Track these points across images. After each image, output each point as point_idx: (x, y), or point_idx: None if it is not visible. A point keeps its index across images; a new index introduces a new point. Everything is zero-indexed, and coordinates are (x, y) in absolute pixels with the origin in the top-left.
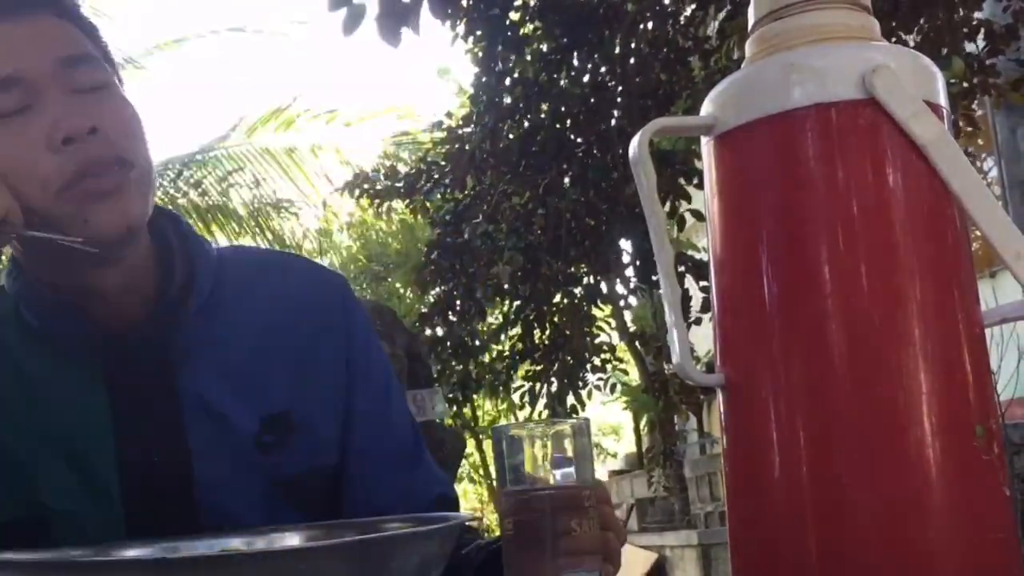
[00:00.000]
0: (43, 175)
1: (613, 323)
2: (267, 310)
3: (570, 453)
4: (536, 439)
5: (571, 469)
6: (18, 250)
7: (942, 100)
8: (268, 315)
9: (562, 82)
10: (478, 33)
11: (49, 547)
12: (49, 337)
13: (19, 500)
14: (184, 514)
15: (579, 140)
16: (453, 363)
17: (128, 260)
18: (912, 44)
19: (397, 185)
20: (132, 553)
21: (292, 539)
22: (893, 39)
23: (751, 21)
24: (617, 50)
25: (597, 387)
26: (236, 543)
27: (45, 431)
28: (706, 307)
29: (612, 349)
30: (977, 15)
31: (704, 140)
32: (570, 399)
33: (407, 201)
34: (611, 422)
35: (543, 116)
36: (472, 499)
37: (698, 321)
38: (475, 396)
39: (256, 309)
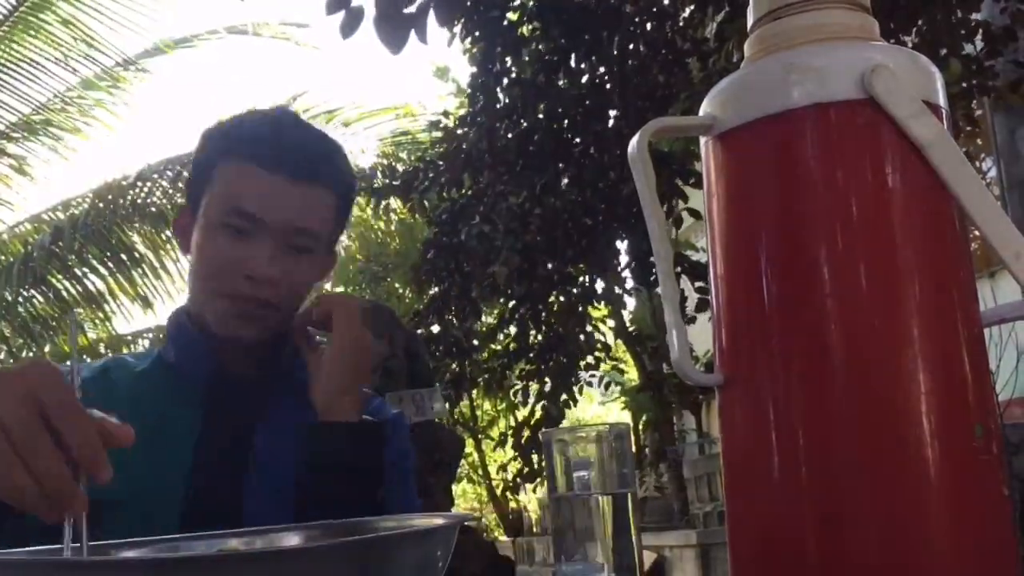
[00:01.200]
0: (223, 283)
1: (610, 323)
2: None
3: (592, 457)
4: (577, 443)
5: (586, 472)
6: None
7: (941, 100)
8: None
9: (560, 83)
10: (476, 34)
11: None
12: (173, 365)
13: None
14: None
15: (576, 141)
16: (448, 362)
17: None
18: (910, 45)
19: (394, 184)
20: (130, 554)
21: (291, 539)
22: (892, 40)
23: (750, 21)
24: (615, 51)
25: (588, 383)
26: (235, 543)
27: (136, 419)
28: (702, 307)
29: (607, 348)
30: (975, 16)
31: (703, 140)
32: (563, 396)
33: (404, 200)
34: (610, 422)
35: (540, 117)
36: (471, 499)
37: (692, 320)
38: (474, 395)
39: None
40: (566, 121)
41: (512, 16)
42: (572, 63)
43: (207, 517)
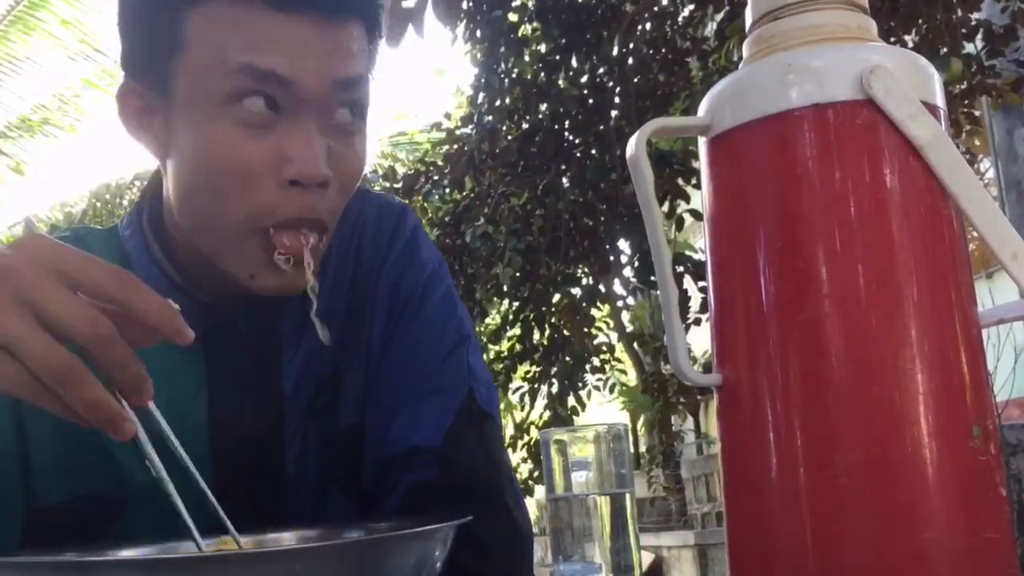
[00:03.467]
0: (256, 205)
1: (611, 323)
2: (332, 269)
3: (590, 457)
4: (575, 443)
5: (584, 473)
6: (167, 199)
7: (939, 101)
8: (333, 274)
9: (560, 83)
10: (478, 34)
11: (123, 526)
12: None
13: (98, 472)
14: (271, 494)
15: (577, 141)
16: None
17: None
18: (910, 44)
19: (396, 186)
20: (128, 554)
21: (290, 540)
22: (892, 40)
23: (748, 22)
24: (615, 51)
25: (596, 388)
26: (232, 543)
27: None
28: (705, 307)
29: (611, 349)
30: (975, 16)
31: (701, 140)
32: (570, 400)
33: (405, 202)
34: (608, 423)
35: (541, 117)
36: None
37: (697, 322)
38: None
39: (345, 281)
40: (567, 122)
41: (512, 17)
42: (573, 63)
43: (242, 482)
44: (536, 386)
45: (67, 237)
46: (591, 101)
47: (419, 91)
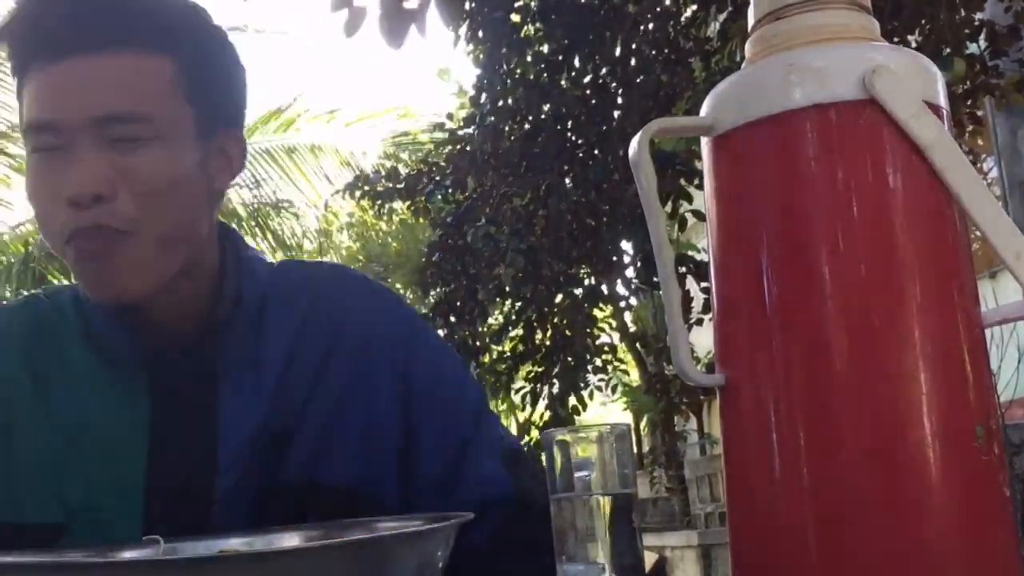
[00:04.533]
0: (54, 224)
1: (614, 324)
2: (299, 326)
3: (593, 457)
4: (579, 444)
5: (587, 473)
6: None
7: (942, 101)
8: (299, 333)
9: (563, 83)
10: (480, 35)
11: (60, 549)
12: (101, 340)
13: (42, 499)
14: (198, 523)
15: (580, 141)
16: None
17: (177, 293)
18: (914, 44)
19: (398, 186)
20: (130, 555)
21: (292, 540)
22: (895, 39)
23: (751, 22)
24: (618, 51)
25: (598, 388)
26: (235, 543)
27: (83, 429)
28: (708, 308)
29: (613, 350)
30: (979, 15)
31: (704, 141)
32: (571, 400)
33: (408, 202)
34: (611, 423)
35: (544, 117)
36: None
37: (699, 322)
38: None
39: (291, 328)
40: (570, 122)
41: (515, 17)
42: (576, 63)
43: (174, 517)
44: (537, 386)
45: (37, 298)
46: (594, 101)
47: (422, 91)
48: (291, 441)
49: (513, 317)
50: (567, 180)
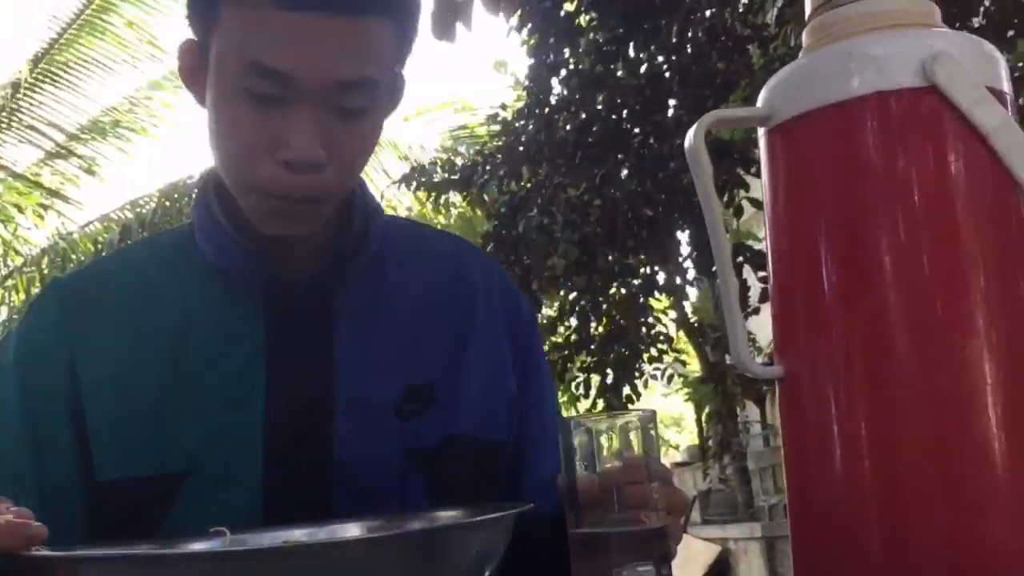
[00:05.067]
0: (252, 176)
1: (672, 314)
2: (424, 283)
3: (635, 445)
4: (603, 432)
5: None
6: (214, 177)
7: (1005, 86)
8: (424, 288)
9: (618, 73)
10: (530, 25)
11: (187, 493)
12: (220, 272)
13: (162, 449)
14: (320, 468)
15: (635, 131)
16: None
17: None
18: (976, 26)
19: (453, 178)
20: (199, 547)
21: (353, 531)
22: (956, 24)
23: (808, 10)
24: (673, 39)
25: (653, 377)
26: (299, 535)
27: (200, 367)
28: (764, 297)
29: (669, 340)
30: None
31: (761, 131)
32: (625, 390)
33: (464, 194)
34: (673, 414)
35: (599, 107)
36: None
37: (756, 311)
38: None
39: (413, 281)
40: (624, 111)
41: (569, 6)
42: (630, 52)
43: (295, 461)
44: (592, 376)
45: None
46: (649, 91)
47: (480, 84)
48: (427, 394)
49: (568, 307)
50: (622, 170)
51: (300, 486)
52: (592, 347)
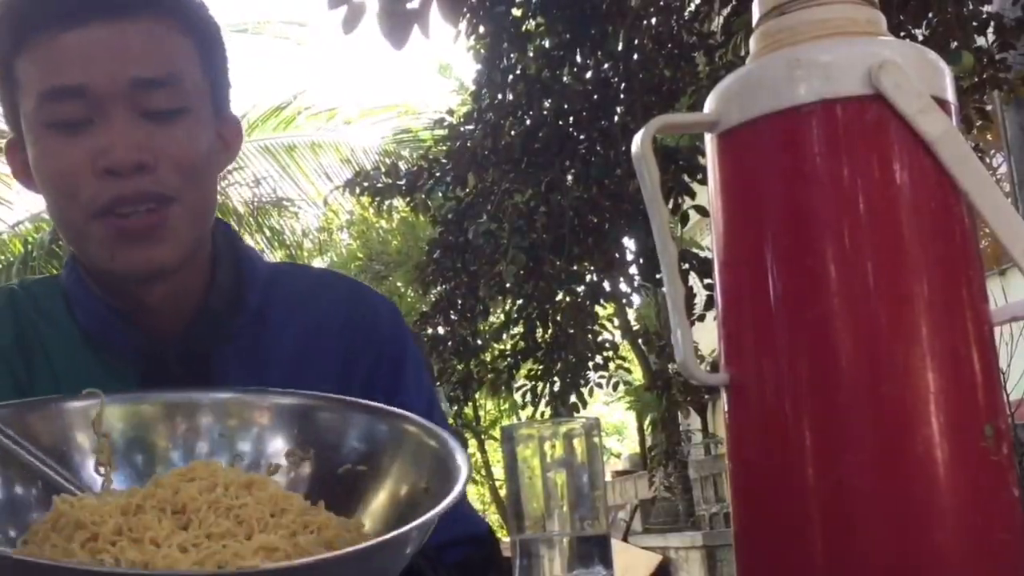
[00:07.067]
0: (82, 198)
1: (616, 321)
2: (308, 334)
3: (579, 454)
4: (546, 439)
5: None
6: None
7: (950, 96)
8: (308, 338)
9: (565, 78)
10: (481, 29)
11: None
12: (92, 337)
13: None
14: None
15: (582, 137)
16: (454, 362)
17: (176, 278)
18: (920, 39)
19: (398, 183)
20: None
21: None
22: (902, 34)
23: (755, 17)
24: (620, 46)
25: (599, 385)
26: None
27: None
28: (710, 305)
29: (615, 347)
30: (987, 8)
31: (708, 137)
32: (572, 398)
33: (408, 199)
34: (614, 422)
35: (545, 113)
36: (475, 500)
37: (702, 318)
38: (477, 396)
39: (298, 333)
40: (571, 117)
41: (516, 12)
42: (577, 58)
43: None
44: (538, 384)
45: (14, 290)
46: (596, 97)
47: (423, 88)
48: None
49: (514, 315)
50: (569, 176)
51: None
52: (539, 354)
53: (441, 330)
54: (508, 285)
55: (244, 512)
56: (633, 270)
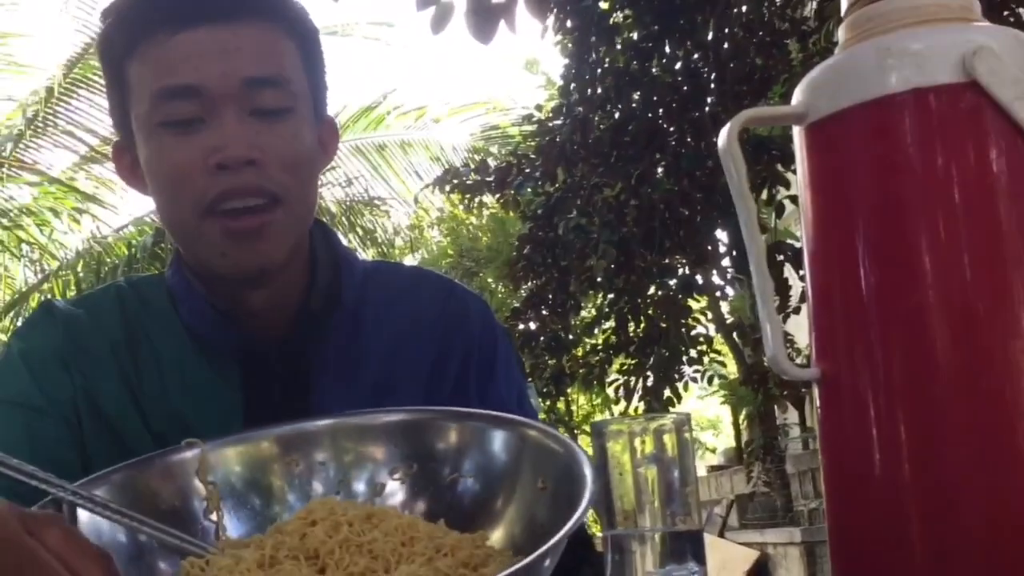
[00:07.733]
0: (193, 194)
1: (709, 315)
2: (402, 331)
3: (670, 449)
4: (636, 435)
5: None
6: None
7: None
8: (402, 335)
9: (654, 70)
10: (568, 24)
11: None
12: (197, 336)
13: None
14: None
15: (672, 129)
16: (546, 358)
17: (278, 280)
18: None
19: (487, 179)
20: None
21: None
22: (1005, 13)
23: (844, 6)
24: (710, 35)
25: (693, 379)
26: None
27: (175, 421)
28: (805, 297)
29: (709, 341)
30: None
31: (796, 129)
32: (666, 392)
33: (497, 195)
34: (709, 416)
35: (634, 106)
36: None
37: (797, 311)
38: (569, 391)
39: (392, 330)
40: (661, 109)
41: (604, 5)
42: (666, 49)
43: None
44: (631, 379)
45: (121, 287)
46: (685, 88)
47: (511, 84)
48: None
49: (606, 309)
50: (659, 169)
51: None
52: (631, 349)
53: (533, 326)
54: (599, 280)
55: (376, 547)
56: (726, 262)
